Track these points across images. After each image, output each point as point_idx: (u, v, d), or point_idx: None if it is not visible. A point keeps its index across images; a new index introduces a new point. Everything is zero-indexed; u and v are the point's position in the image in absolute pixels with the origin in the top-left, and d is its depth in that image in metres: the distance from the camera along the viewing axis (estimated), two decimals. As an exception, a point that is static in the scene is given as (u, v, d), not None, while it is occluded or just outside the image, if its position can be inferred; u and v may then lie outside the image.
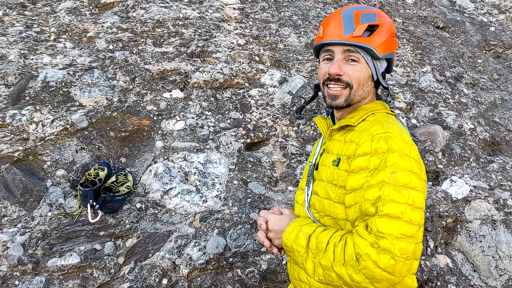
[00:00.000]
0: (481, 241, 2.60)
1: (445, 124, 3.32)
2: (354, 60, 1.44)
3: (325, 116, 1.72)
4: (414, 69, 3.91)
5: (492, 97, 3.96)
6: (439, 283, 2.41)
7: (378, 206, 1.15)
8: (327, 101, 1.51)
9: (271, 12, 4.15)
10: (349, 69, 1.44)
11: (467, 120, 3.45)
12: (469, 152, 3.15)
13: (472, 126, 3.39)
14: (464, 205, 2.76)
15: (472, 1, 6.08)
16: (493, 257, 2.55)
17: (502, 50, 4.99)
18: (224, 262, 2.24)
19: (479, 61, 4.61)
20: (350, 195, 1.27)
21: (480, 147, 3.29)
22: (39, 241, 2.11)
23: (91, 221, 2.22)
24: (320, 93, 1.69)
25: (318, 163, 1.53)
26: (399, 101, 3.37)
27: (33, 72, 2.80)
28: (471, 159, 3.10)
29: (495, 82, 4.36)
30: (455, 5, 5.94)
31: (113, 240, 2.22)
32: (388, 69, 1.59)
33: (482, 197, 2.79)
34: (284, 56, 3.57)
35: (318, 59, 1.62)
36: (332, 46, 1.46)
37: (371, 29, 1.43)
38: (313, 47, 1.59)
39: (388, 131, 1.26)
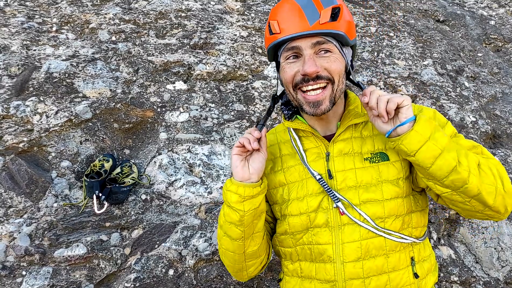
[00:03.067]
0: (483, 233, 2.63)
1: (447, 117, 3.33)
2: (327, 51, 1.21)
3: (288, 119, 1.40)
4: (415, 62, 3.91)
5: (493, 90, 3.97)
6: (442, 274, 2.43)
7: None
8: (306, 109, 1.24)
9: (272, 4, 4.13)
10: (325, 61, 1.20)
11: (469, 113, 3.46)
12: (471, 145, 3.17)
13: (474, 119, 3.40)
14: (466, 197, 2.77)
15: (472, -6, 6.08)
16: (495, 248, 2.57)
17: (502, 44, 5.00)
18: (230, 253, 2.24)
19: (480, 54, 4.62)
20: None
21: (481, 140, 3.31)
22: (46, 232, 2.11)
23: (97, 212, 2.22)
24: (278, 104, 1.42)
25: (329, 170, 1.28)
26: (402, 94, 3.37)
27: (36, 63, 2.78)
28: (473, 152, 3.12)
29: (495, 76, 4.38)
30: (455, -2, 5.94)
31: (119, 231, 2.22)
32: (352, 58, 1.35)
33: (484, 190, 2.80)
34: (286, 48, 3.56)
35: (275, 61, 1.36)
36: (296, 41, 1.20)
37: (335, 12, 1.19)
38: (268, 48, 1.28)
39: (415, 106, 1.37)
